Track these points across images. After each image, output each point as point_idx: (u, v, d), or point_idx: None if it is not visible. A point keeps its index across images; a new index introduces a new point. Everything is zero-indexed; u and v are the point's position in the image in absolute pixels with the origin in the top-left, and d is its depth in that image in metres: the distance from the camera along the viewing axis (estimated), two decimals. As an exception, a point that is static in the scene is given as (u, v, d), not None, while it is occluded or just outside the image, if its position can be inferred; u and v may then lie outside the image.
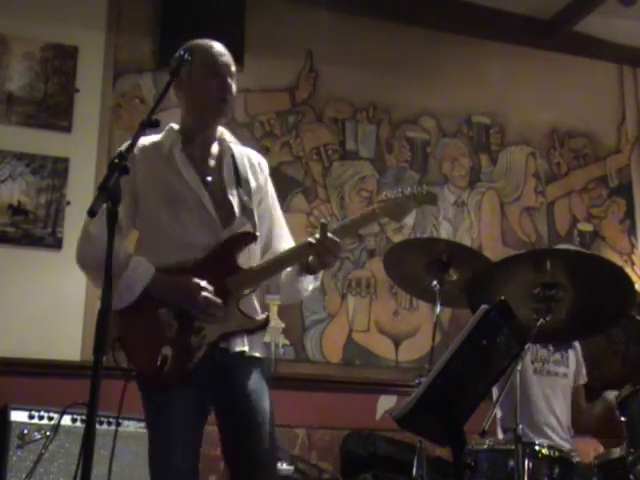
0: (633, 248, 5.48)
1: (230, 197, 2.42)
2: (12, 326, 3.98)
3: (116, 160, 1.89)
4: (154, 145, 2.45)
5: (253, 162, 2.56)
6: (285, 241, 2.55)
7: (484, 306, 2.09)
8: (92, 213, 1.80)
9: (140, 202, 2.39)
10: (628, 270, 5.23)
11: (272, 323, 4.52)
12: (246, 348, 2.36)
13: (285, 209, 4.73)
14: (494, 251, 4.88)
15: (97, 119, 4.44)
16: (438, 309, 3.23)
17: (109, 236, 1.84)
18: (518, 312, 2.20)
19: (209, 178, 2.42)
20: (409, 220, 4.96)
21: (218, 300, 2.28)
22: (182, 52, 2.35)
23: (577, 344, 3.81)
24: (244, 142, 4.79)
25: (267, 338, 4.52)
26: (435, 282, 3.21)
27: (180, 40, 2.52)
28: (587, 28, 5.44)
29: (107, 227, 1.84)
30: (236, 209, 2.41)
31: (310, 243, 2.34)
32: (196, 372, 2.27)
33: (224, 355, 2.32)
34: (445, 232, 5.03)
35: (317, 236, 2.33)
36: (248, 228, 2.40)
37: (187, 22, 4.47)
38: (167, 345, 2.25)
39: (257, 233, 2.40)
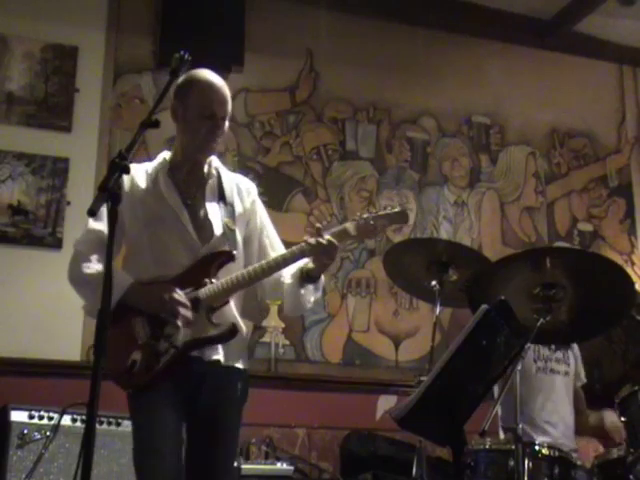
0: (633, 248, 5.48)
1: (211, 217, 2.50)
2: (12, 326, 3.98)
3: (116, 160, 1.89)
4: (143, 172, 2.56)
5: (241, 187, 2.65)
6: (277, 253, 2.61)
7: (484, 306, 2.10)
8: (92, 213, 1.83)
9: (127, 224, 2.49)
10: (628, 270, 5.23)
11: (272, 323, 4.54)
12: (221, 357, 2.43)
13: (285, 209, 4.80)
14: (494, 251, 4.88)
15: (97, 119, 4.44)
16: (438, 309, 3.23)
17: (109, 237, 1.84)
18: (518, 312, 2.20)
19: (190, 200, 2.52)
20: (409, 220, 4.96)
21: (186, 301, 2.37)
22: (182, 52, 2.36)
23: (575, 346, 3.80)
24: (244, 142, 4.83)
25: (267, 338, 4.52)
26: (435, 282, 3.21)
27: (180, 40, 2.53)
28: (587, 28, 5.44)
29: (107, 227, 1.85)
30: (216, 229, 2.49)
31: (307, 244, 2.44)
32: (170, 377, 2.36)
33: (201, 364, 2.40)
34: (445, 232, 5.03)
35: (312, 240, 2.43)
36: (226, 247, 2.47)
37: (187, 22, 4.47)
38: (137, 350, 2.36)
39: (234, 252, 2.47)
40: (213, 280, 2.44)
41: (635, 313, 3.89)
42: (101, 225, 2.44)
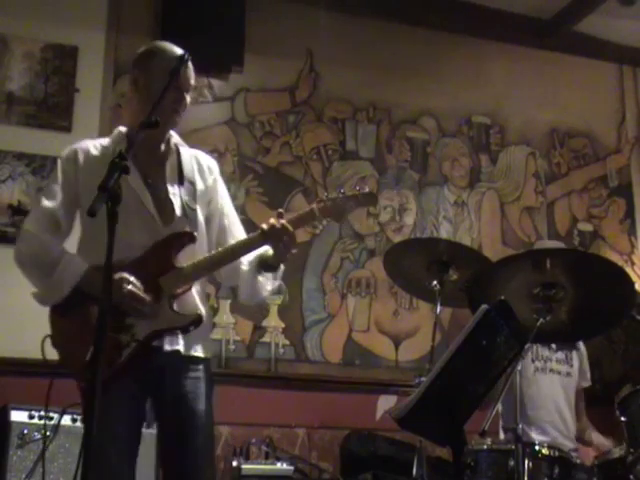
0: (633, 248, 5.48)
1: (172, 197, 2.43)
2: (12, 326, 3.98)
3: (116, 160, 1.88)
4: (99, 148, 2.47)
5: (202, 164, 2.57)
6: (236, 237, 2.54)
7: (484, 306, 2.09)
8: (92, 214, 1.80)
9: (81, 203, 2.39)
10: (628, 270, 5.23)
11: (272, 323, 4.54)
12: (180, 347, 2.35)
13: (285, 209, 4.75)
14: (494, 251, 4.88)
15: (97, 119, 4.44)
16: (438, 309, 3.23)
17: (109, 235, 1.82)
18: (518, 312, 2.20)
19: (151, 179, 2.43)
20: (409, 220, 4.96)
21: (144, 295, 2.28)
22: (182, 52, 2.35)
23: (582, 347, 3.80)
24: (244, 142, 4.83)
25: (267, 338, 4.52)
26: (435, 282, 3.21)
27: (180, 40, 2.52)
28: (587, 28, 5.44)
29: (107, 228, 1.82)
30: (177, 209, 2.41)
31: (263, 231, 2.35)
32: (131, 370, 2.27)
33: (160, 355, 2.32)
34: (445, 232, 5.02)
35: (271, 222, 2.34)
36: (187, 228, 2.40)
37: (187, 22, 4.47)
38: None
39: (195, 233, 2.39)
40: (176, 265, 2.34)
41: (635, 313, 3.90)
42: (53, 203, 2.37)
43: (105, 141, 2.49)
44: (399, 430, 2.11)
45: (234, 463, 3.78)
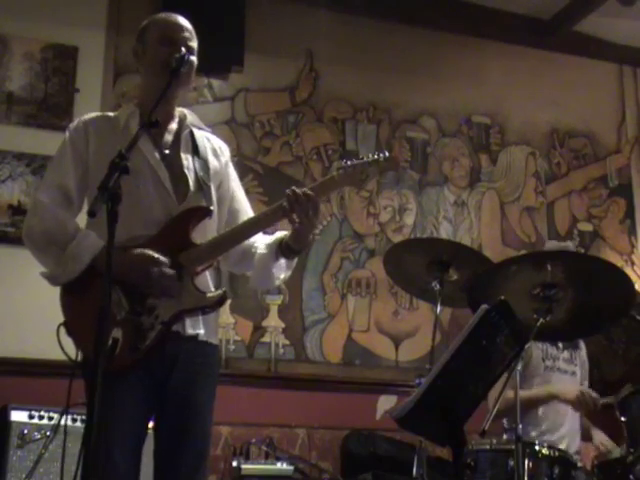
0: (633, 248, 5.48)
1: (186, 172, 2.34)
2: (13, 326, 3.98)
3: (116, 160, 1.86)
4: (108, 119, 2.42)
5: (214, 145, 2.50)
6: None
7: (484, 306, 2.09)
8: (92, 213, 1.78)
9: (92, 176, 2.30)
10: (628, 270, 5.23)
11: (272, 323, 4.54)
12: (201, 331, 2.27)
13: (285, 209, 4.79)
14: (494, 251, 4.88)
15: (97, 119, 4.44)
16: (438, 309, 3.23)
17: (109, 235, 1.81)
18: (518, 312, 2.20)
19: (166, 151, 2.35)
20: (409, 220, 4.96)
21: (172, 272, 2.19)
22: (182, 52, 2.35)
23: (583, 348, 3.80)
24: (244, 142, 4.82)
25: (267, 338, 4.53)
26: (435, 282, 3.21)
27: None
28: (587, 28, 5.44)
29: (107, 227, 1.80)
30: (191, 184, 2.33)
31: (281, 205, 2.28)
32: (153, 356, 2.16)
33: (177, 341, 2.22)
34: (445, 232, 5.02)
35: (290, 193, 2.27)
36: (202, 203, 2.32)
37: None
38: (117, 327, 2.11)
39: (211, 207, 2.31)
40: (193, 241, 2.25)
41: (635, 313, 3.89)
42: (64, 177, 2.29)
43: (111, 114, 2.44)
44: (399, 430, 2.12)
45: (234, 463, 3.78)
